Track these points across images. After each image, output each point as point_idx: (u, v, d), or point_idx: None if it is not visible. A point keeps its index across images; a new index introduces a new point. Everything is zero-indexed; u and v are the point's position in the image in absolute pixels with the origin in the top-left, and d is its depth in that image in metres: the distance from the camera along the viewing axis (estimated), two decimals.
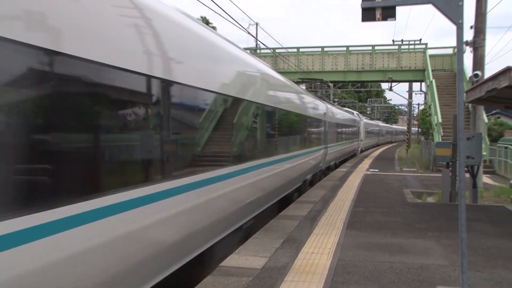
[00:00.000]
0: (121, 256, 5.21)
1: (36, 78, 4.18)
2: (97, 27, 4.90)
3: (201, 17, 57.37)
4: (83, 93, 4.80)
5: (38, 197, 4.11)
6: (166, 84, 6.16)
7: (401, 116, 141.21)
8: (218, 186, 8.08)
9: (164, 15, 6.59)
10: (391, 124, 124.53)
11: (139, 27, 5.68)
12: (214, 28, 57.90)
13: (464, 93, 12.24)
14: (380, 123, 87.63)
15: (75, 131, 4.73)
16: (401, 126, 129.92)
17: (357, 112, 53.72)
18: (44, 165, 4.29)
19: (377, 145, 75.51)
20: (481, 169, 18.29)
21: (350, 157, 40.94)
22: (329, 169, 27.53)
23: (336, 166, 31.08)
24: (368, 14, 7.17)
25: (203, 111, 7.72)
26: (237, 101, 9.32)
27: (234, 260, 8.29)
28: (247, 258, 8.39)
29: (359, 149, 49.28)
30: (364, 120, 56.37)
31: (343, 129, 33.32)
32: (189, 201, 6.88)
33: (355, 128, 43.39)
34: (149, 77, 5.73)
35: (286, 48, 43.37)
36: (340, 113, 32.76)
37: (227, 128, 9.13)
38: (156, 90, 5.99)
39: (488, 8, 19.94)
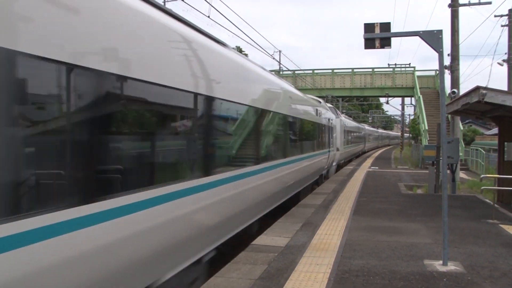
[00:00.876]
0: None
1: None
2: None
3: (236, 46, 56.50)
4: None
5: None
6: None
7: (396, 124, 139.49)
8: None
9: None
10: (377, 128, 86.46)
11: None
12: (246, 54, 57.37)
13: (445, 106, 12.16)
14: (366, 126, 58.02)
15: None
16: (392, 132, 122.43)
17: (331, 105, 28.11)
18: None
19: (363, 153, 47.93)
20: (458, 167, 18.00)
21: (310, 187, 16.20)
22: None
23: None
24: (369, 43, 7.29)
25: None
26: None
27: (262, 239, 8.32)
28: (273, 238, 8.42)
29: (334, 163, 22.88)
30: (343, 118, 30.19)
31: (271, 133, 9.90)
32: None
33: (324, 133, 18.51)
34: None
35: (303, 70, 43.73)
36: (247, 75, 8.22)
37: None
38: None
39: (460, 41, 19.87)
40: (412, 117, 56.63)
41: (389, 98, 42.87)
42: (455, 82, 19.37)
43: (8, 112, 3.03)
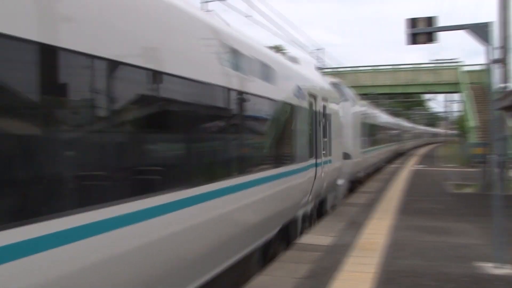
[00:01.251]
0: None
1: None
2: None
3: (276, 45, 53.46)
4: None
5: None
6: None
7: (441, 121, 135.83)
8: None
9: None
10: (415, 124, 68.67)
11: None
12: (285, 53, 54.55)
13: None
14: (401, 121, 45.18)
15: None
16: (432, 128, 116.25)
17: (335, 80, 14.74)
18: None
19: (396, 156, 35.18)
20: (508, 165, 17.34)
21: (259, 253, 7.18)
22: None
23: None
24: (412, 39, 7.07)
25: None
26: None
27: (308, 238, 8.29)
28: (318, 237, 8.37)
29: (339, 182, 12.37)
30: (361, 107, 18.94)
31: None
32: None
33: (296, 126, 8.00)
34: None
35: (345, 67, 43.33)
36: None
37: None
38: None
39: None
40: (459, 114, 55.08)
41: (434, 95, 41.74)
42: (505, 77, 18.66)
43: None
